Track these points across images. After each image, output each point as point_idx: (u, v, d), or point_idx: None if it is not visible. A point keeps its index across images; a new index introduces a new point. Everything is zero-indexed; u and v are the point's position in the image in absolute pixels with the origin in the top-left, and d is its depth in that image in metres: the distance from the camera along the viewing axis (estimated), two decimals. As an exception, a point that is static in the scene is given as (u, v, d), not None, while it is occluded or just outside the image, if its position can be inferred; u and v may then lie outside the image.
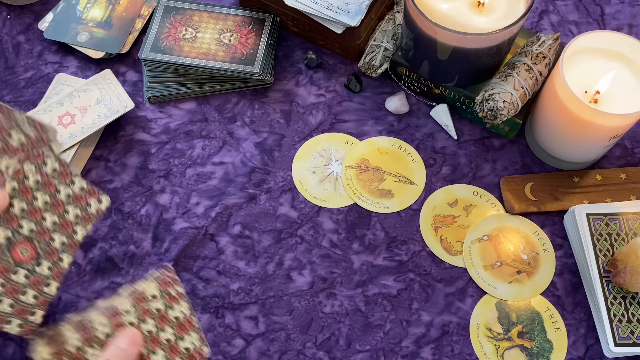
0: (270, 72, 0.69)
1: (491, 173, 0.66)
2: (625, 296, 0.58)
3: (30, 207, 0.49)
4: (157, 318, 0.49)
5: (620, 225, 0.60)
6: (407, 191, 0.66)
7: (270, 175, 0.67)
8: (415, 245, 0.63)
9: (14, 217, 0.48)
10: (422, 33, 0.60)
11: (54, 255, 0.49)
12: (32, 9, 0.76)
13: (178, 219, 0.65)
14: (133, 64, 0.73)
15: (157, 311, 0.49)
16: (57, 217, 0.50)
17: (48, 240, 0.49)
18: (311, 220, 0.64)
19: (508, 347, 0.59)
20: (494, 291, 0.61)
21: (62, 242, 0.50)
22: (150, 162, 0.67)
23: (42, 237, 0.49)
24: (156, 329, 0.48)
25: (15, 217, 0.48)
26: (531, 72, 0.62)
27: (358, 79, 0.70)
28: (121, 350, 0.46)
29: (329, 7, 0.65)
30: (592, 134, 0.59)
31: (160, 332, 0.48)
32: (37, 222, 0.49)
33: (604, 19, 0.74)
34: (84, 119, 0.67)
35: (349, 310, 0.61)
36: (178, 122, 0.69)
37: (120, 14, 0.74)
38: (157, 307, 0.49)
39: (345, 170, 0.67)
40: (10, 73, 0.72)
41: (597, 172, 0.65)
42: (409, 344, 0.59)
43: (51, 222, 0.49)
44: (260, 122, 0.69)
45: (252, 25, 0.71)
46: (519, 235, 0.63)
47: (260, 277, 0.62)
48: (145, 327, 0.48)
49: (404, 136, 0.68)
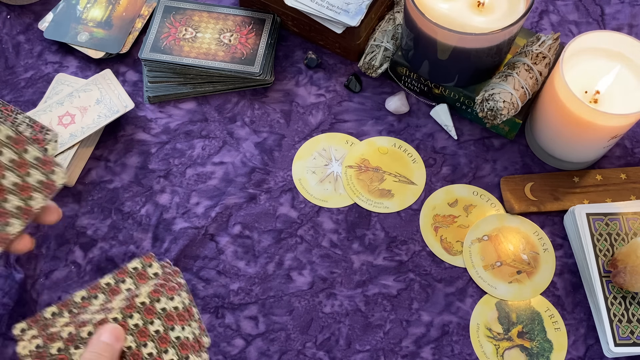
0: (270, 72, 0.69)
1: (491, 173, 0.66)
2: (625, 296, 0.58)
3: None
4: (142, 312, 0.48)
5: (620, 225, 0.60)
6: (407, 191, 0.66)
7: (270, 175, 0.67)
8: (415, 245, 0.63)
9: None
10: (422, 33, 0.60)
11: (2, 218, 0.47)
12: (32, 9, 0.76)
13: (178, 219, 0.65)
14: (133, 64, 0.73)
15: (141, 305, 0.48)
16: (18, 178, 0.47)
17: (0, 201, 0.47)
18: (311, 220, 0.64)
19: (508, 347, 0.59)
20: (494, 291, 0.61)
21: (16, 205, 0.47)
22: (150, 162, 0.67)
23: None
24: (143, 322, 0.48)
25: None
26: (531, 72, 0.62)
27: (358, 79, 0.70)
28: (106, 344, 0.46)
29: (329, 7, 0.65)
30: (592, 134, 0.59)
31: (148, 325, 0.48)
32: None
33: (604, 19, 0.74)
34: (84, 119, 0.67)
35: (349, 310, 0.61)
36: (178, 122, 0.69)
37: (120, 14, 0.74)
38: (141, 301, 0.48)
39: (345, 170, 0.67)
40: (10, 73, 0.72)
41: (597, 172, 0.65)
42: (409, 344, 0.59)
43: (10, 182, 0.47)
44: (260, 122, 0.69)
45: (252, 25, 0.71)
46: (519, 235, 0.63)
47: (260, 277, 0.62)
48: (131, 321, 0.48)
49: (404, 136, 0.68)
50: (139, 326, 0.48)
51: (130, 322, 0.48)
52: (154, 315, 0.48)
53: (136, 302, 0.48)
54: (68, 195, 0.66)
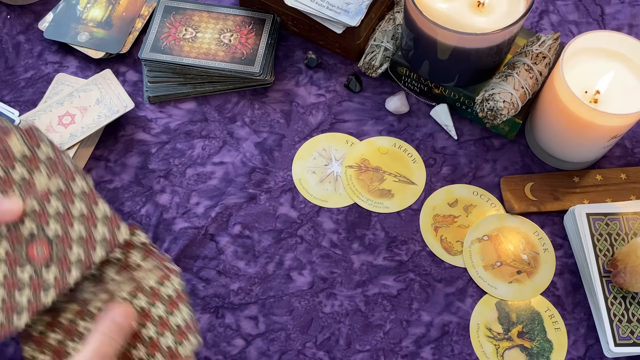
0: (270, 72, 0.69)
1: (491, 173, 0.66)
2: (625, 296, 0.58)
3: (65, 211, 0.48)
4: (150, 296, 0.48)
5: (620, 225, 0.60)
6: (407, 191, 0.66)
7: (270, 175, 0.67)
8: (415, 245, 0.63)
9: (45, 214, 0.48)
10: (422, 33, 0.60)
11: (65, 266, 0.48)
12: (32, 9, 0.76)
13: (178, 219, 0.65)
14: (133, 64, 0.73)
15: (150, 289, 0.48)
16: (84, 231, 0.48)
17: (66, 249, 0.48)
18: (311, 220, 0.64)
19: (508, 347, 0.59)
20: (494, 291, 0.61)
21: (78, 256, 0.49)
22: (150, 162, 0.68)
23: (62, 244, 0.48)
24: (148, 305, 0.48)
25: (47, 215, 0.48)
26: (531, 72, 0.62)
27: (358, 79, 0.70)
28: (115, 324, 0.45)
29: (329, 7, 0.65)
30: (592, 134, 0.59)
31: (151, 308, 0.48)
32: (65, 227, 0.48)
33: (604, 19, 0.74)
34: (84, 119, 0.67)
35: (349, 310, 0.61)
36: (178, 122, 0.69)
37: (120, 14, 0.74)
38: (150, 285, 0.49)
39: (345, 170, 0.67)
40: (10, 73, 0.72)
41: (597, 172, 0.65)
42: (409, 344, 0.59)
43: (77, 233, 0.48)
44: (260, 122, 0.69)
45: (252, 25, 0.71)
46: (519, 235, 0.63)
47: (260, 277, 0.62)
48: (137, 302, 0.48)
49: (404, 136, 0.68)
50: (144, 309, 0.48)
51: (137, 303, 0.48)
52: (158, 299, 0.48)
53: (144, 285, 0.48)
54: (68, 195, 0.66)
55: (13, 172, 0.48)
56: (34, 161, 0.48)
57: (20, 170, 0.48)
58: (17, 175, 0.48)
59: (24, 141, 0.48)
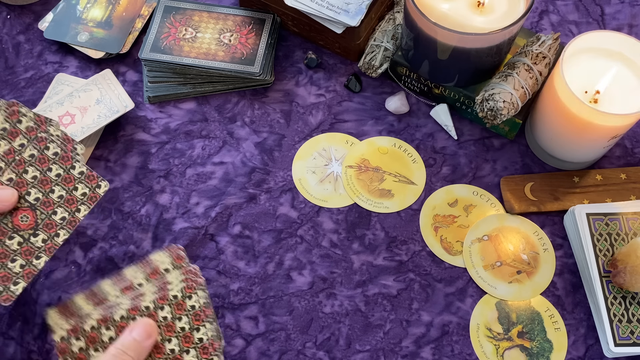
0: (270, 72, 0.69)
1: (491, 173, 0.66)
2: (625, 296, 0.58)
3: (43, 177, 0.49)
4: (173, 305, 0.48)
5: (620, 225, 0.60)
6: (407, 191, 0.66)
7: (270, 175, 0.67)
8: (415, 245, 0.63)
9: (24, 183, 0.48)
10: (422, 33, 0.60)
11: (51, 229, 0.49)
12: (32, 9, 0.76)
13: (178, 219, 0.65)
14: (133, 64, 0.73)
15: (173, 298, 0.48)
16: (65, 192, 0.49)
17: (50, 213, 0.49)
18: (311, 220, 0.64)
19: (508, 347, 0.59)
20: (494, 291, 0.61)
21: (63, 217, 0.49)
22: (150, 162, 0.68)
23: (45, 208, 0.49)
24: (172, 316, 0.48)
25: (26, 183, 0.48)
26: (531, 72, 0.62)
27: (358, 79, 0.70)
28: (135, 341, 0.46)
29: (329, 7, 0.65)
30: (592, 134, 0.59)
31: (175, 321, 0.48)
32: (45, 192, 0.49)
33: (604, 19, 0.74)
34: (84, 119, 0.67)
35: (349, 310, 0.61)
36: (178, 122, 0.69)
37: (120, 14, 0.74)
38: (173, 294, 0.49)
39: (345, 170, 0.67)
40: (10, 73, 0.72)
41: (597, 172, 0.65)
42: (409, 344, 0.59)
43: (58, 195, 0.49)
44: (260, 122, 0.69)
45: (252, 25, 0.71)
46: (519, 235, 0.63)
47: (260, 277, 0.62)
48: (161, 313, 0.48)
49: (404, 136, 0.68)
50: (167, 319, 0.48)
51: (160, 315, 0.48)
52: (182, 312, 0.48)
53: (169, 295, 0.48)
54: (68, 195, 0.66)
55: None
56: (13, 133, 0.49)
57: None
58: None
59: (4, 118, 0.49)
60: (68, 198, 0.50)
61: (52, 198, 0.49)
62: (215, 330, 0.50)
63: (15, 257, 0.49)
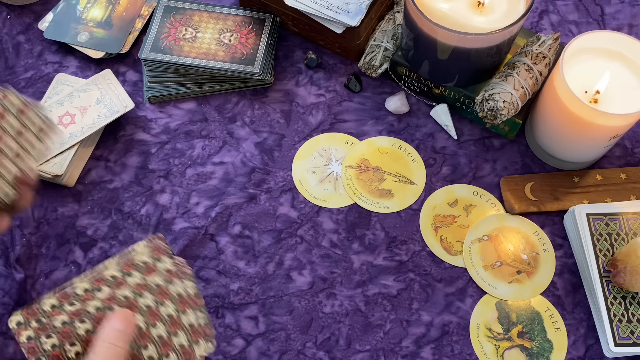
0: (270, 72, 0.69)
1: (491, 173, 0.66)
2: (625, 296, 0.58)
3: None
4: (156, 293, 0.48)
5: (620, 225, 0.60)
6: (407, 191, 0.66)
7: (270, 175, 0.67)
8: (415, 245, 0.63)
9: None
10: (422, 33, 0.60)
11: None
12: (32, 9, 0.76)
13: (178, 219, 0.65)
14: (133, 64, 0.73)
15: (156, 286, 0.48)
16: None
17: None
18: (311, 220, 0.64)
19: (508, 347, 0.59)
20: (494, 291, 0.61)
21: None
22: (150, 162, 0.68)
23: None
24: (155, 303, 0.48)
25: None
26: (531, 72, 0.62)
27: (358, 79, 0.70)
28: (119, 332, 0.46)
29: (329, 7, 0.65)
30: (592, 134, 0.59)
31: (160, 306, 0.48)
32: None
33: (604, 19, 0.74)
34: (84, 119, 0.67)
35: (349, 310, 0.61)
36: (178, 122, 0.69)
37: (120, 14, 0.74)
38: (156, 282, 0.48)
39: (345, 170, 0.67)
40: (10, 73, 0.72)
41: (597, 172, 0.65)
42: (409, 344, 0.59)
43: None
44: (260, 122, 0.69)
45: (252, 25, 0.71)
46: (519, 235, 0.63)
47: (260, 277, 0.62)
48: (143, 301, 0.48)
49: (404, 136, 0.68)
50: (151, 307, 0.48)
51: (142, 302, 0.48)
52: (166, 297, 0.48)
53: (149, 283, 0.48)
54: (68, 195, 0.66)
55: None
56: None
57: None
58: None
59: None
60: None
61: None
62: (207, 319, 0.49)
63: None
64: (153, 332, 0.48)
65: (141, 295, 0.48)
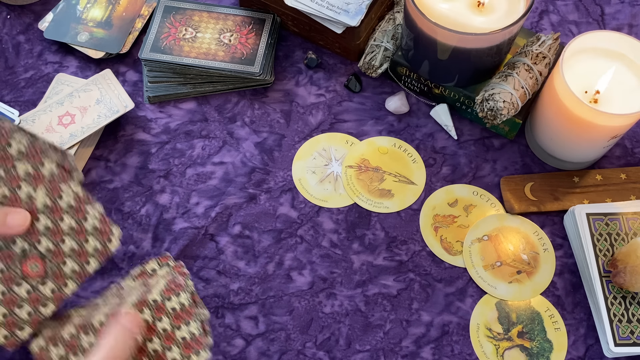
0: (270, 72, 0.69)
1: (491, 173, 0.66)
2: (625, 296, 0.58)
3: (54, 227, 0.48)
4: (154, 309, 0.48)
5: (620, 225, 0.60)
6: (407, 191, 0.66)
7: (270, 175, 0.67)
8: (415, 245, 0.63)
9: (35, 232, 0.48)
10: (422, 33, 0.60)
11: (60, 280, 0.49)
12: (32, 9, 0.76)
13: (178, 219, 0.65)
14: (133, 64, 0.73)
15: (153, 302, 0.48)
16: (76, 244, 0.49)
17: (59, 263, 0.49)
18: (311, 220, 0.64)
19: (508, 347, 0.59)
20: (494, 291, 0.61)
21: (72, 269, 0.49)
22: (150, 162, 0.68)
23: (55, 258, 0.49)
24: (152, 319, 0.48)
25: (37, 232, 0.48)
26: (531, 72, 0.62)
27: (358, 79, 0.70)
28: (126, 329, 0.46)
29: (329, 7, 0.65)
30: (592, 134, 0.59)
31: (157, 322, 0.48)
32: (56, 243, 0.48)
33: (604, 19, 0.74)
34: (84, 119, 0.67)
35: (349, 310, 0.61)
36: (178, 122, 0.69)
37: (120, 14, 0.74)
38: (153, 298, 0.49)
39: (345, 170, 0.67)
40: (10, 73, 0.72)
41: (597, 172, 0.65)
42: (409, 344, 0.59)
43: (69, 247, 0.49)
44: (260, 122, 0.69)
45: (252, 25, 0.71)
46: (519, 235, 0.63)
47: (260, 277, 0.62)
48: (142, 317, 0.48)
49: (404, 136, 0.68)
50: (148, 322, 0.48)
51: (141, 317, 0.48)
52: (163, 313, 0.48)
53: (148, 299, 0.48)
54: (68, 195, 0.66)
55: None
56: (16, 180, 0.48)
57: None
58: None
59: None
60: (79, 251, 0.50)
61: (62, 249, 0.49)
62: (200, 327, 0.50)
63: (22, 303, 0.49)
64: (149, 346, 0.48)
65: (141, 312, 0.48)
